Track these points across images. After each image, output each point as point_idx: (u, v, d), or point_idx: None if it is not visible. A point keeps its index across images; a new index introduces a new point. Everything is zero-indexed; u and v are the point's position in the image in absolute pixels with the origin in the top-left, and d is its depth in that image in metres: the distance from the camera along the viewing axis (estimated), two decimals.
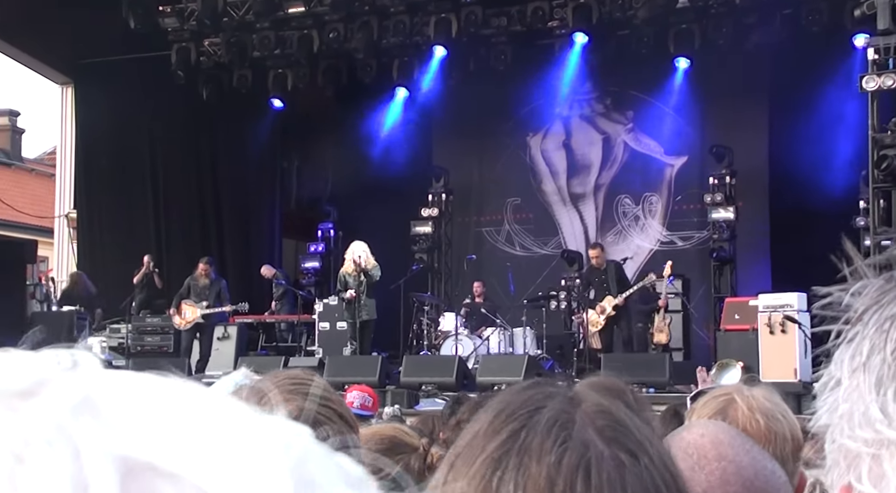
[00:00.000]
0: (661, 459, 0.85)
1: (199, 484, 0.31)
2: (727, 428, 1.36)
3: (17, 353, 0.35)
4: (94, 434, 0.31)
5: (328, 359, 12.67)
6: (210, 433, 0.33)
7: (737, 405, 1.76)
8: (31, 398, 0.32)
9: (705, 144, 15.88)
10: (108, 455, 0.31)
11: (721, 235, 14.97)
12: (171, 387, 0.35)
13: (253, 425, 0.34)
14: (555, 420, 0.84)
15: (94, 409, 0.32)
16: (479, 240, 17.62)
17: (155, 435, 0.32)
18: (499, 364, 11.99)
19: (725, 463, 1.22)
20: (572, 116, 17.41)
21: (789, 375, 10.53)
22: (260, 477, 0.32)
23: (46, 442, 0.31)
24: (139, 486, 0.31)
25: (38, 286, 15.83)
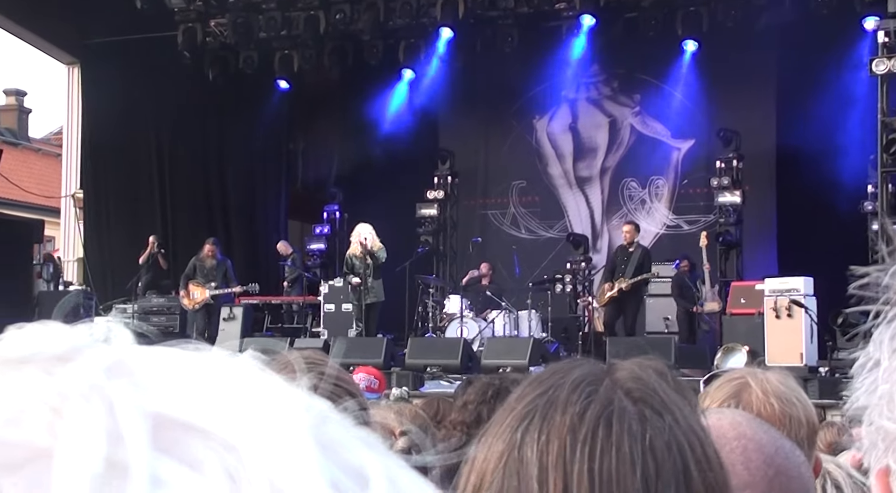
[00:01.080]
0: (688, 422, 0.86)
1: (226, 439, 0.33)
2: (744, 413, 1.35)
3: (52, 324, 0.36)
4: (127, 392, 0.33)
5: (333, 340, 12.66)
6: (237, 394, 0.35)
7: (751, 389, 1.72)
8: (66, 363, 0.34)
9: (712, 128, 15.81)
10: (140, 410, 0.33)
11: (727, 219, 14.92)
12: (200, 355, 0.37)
13: (276, 388, 0.36)
14: (582, 379, 0.87)
15: (128, 371, 0.34)
16: (485, 223, 17.60)
17: (185, 395, 0.34)
18: (504, 347, 11.98)
19: (745, 441, 1.21)
20: (579, 99, 17.34)
21: (795, 359, 10.49)
22: (283, 435, 0.34)
23: (82, 397, 0.32)
24: (170, 439, 0.32)
25: (45, 266, 15.82)
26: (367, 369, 5.60)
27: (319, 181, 18.42)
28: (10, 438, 0.31)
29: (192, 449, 0.33)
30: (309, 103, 17.53)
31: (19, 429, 0.31)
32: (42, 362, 0.34)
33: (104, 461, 0.31)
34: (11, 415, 0.32)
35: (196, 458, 0.32)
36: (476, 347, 12.66)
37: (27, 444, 0.31)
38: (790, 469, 1.20)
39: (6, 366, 0.34)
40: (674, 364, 11.08)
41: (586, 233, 16.65)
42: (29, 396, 0.32)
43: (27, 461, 0.31)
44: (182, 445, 0.33)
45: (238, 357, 0.37)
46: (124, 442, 0.31)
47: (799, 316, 10.79)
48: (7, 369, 0.34)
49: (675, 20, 14.85)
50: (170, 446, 0.32)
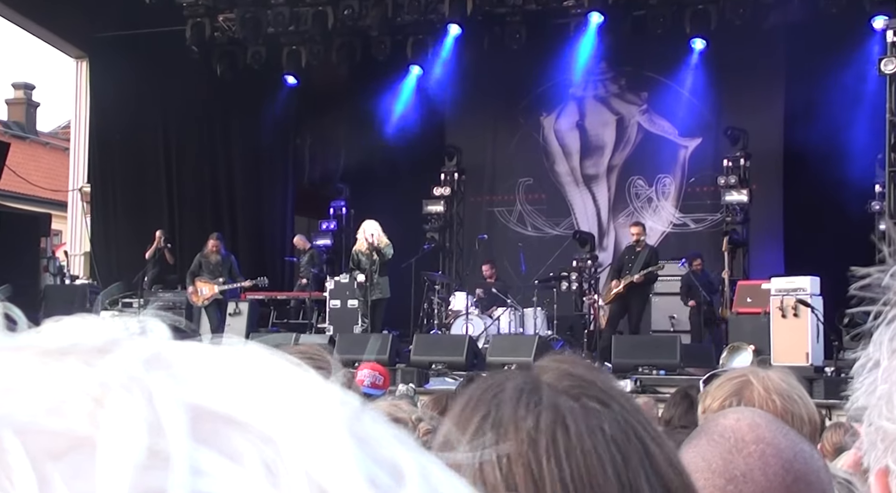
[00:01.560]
0: (631, 404, 0.87)
1: (264, 431, 0.34)
2: (763, 413, 1.33)
3: (89, 317, 0.37)
4: (165, 384, 0.34)
5: (339, 336, 12.67)
6: (273, 388, 0.35)
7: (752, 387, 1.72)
8: (105, 354, 0.35)
9: (720, 126, 15.79)
10: (179, 402, 0.33)
11: (734, 217, 14.90)
12: (236, 349, 0.38)
13: (311, 382, 0.37)
14: (521, 391, 0.86)
15: (166, 364, 0.35)
16: (491, 220, 17.59)
17: (222, 388, 0.35)
18: (509, 344, 11.97)
19: (764, 445, 1.18)
20: (586, 97, 17.31)
21: (801, 359, 10.47)
22: (320, 428, 0.34)
23: (123, 388, 0.33)
24: (208, 430, 0.33)
25: (52, 260, 15.86)
26: (372, 365, 5.57)
27: (326, 177, 18.42)
28: (53, 426, 0.32)
29: (230, 441, 0.33)
30: (316, 99, 17.52)
31: (62, 418, 0.32)
32: (82, 354, 0.34)
33: (146, 451, 0.31)
34: (54, 404, 0.32)
35: (235, 450, 0.33)
36: (481, 344, 12.65)
37: (69, 432, 0.32)
38: (809, 475, 1.18)
39: (47, 357, 0.34)
40: (679, 363, 11.08)
41: (593, 231, 16.62)
42: (70, 386, 0.33)
43: (70, 449, 0.31)
44: (221, 436, 0.33)
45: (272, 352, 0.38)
46: (164, 433, 0.32)
47: (805, 316, 10.76)
48: (48, 359, 0.34)
49: (683, 18, 14.82)
50: (209, 437, 0.33)
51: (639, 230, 13.21)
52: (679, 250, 14.89)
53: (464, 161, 17.60)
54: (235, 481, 0.32)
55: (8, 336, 0.36)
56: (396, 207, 15.17)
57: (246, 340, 0.39)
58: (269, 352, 0.38)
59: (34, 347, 0.35)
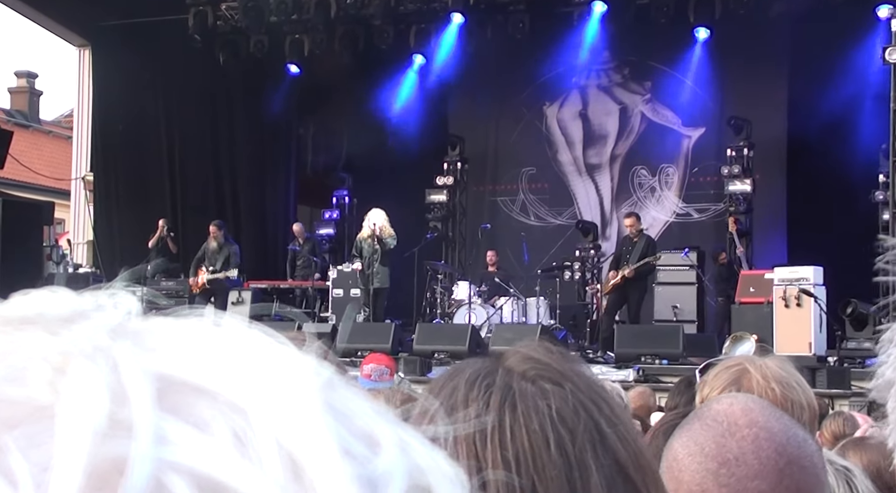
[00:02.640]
0: (588, 385, 0.87)
1: (233, 401, 0.33)
2: (756, 398, 1.33)
3: (59, 290, 0.36)
4: (131, 353, 0.33)
5: (341, 325, 12.70)
6: (243, 357, 0.35)
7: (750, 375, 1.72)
8: (70, 324, 0.34)
9: (723, 116, 15.76)
10: (145, 371, 0.32)
11: (738, 207, 14.89)
12: (206, 319, 0.37)
13: (284, 352, 0.36)
14: (476, 375, 0.87)
15: (133, 334, 0.34)
16: (494, 209, 17.59)
17: (191, 357, 0.34)
18: (512, 333, 11.96)
19: (757, 429, 1.19)
20: (589, 86, 17.28)
21: (804, 348, 10.48)
22: (292, 398, 0.34)
23: (86, 357, 0.32)
24: (176, 400, 0.32)
25: (55, 248, 15.88)
26: (378, 357, 5.46)
27: (329, 166, 18.41)
28: (11, 394, 0.31)
29: (198, 410, 0.32)
30: (319, 88, 17.50)
31: (20, 386, 0.31)
32: (45, 323, 0.34)
33: (107, 419, 0.31)
34: (13, 373, 0.32)
35: (202, 419, 0.32)
36: (484, 333, 12.66)
37: (29, 401, 0.31)
38: (802, 459, 1.18)
39: (8, 325, 0.33)
40: (682, 352, 11.08)
41: (595, 220, 16.63)
42: (31, 354, 0.32)
43: (28, 417, 0.31)
44: (188, 406, 0.32)
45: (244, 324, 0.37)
46: (129, 401, 0.31)
47: (808, 305, 10.77)
48: (9, 328, 0.33)
49: (687, 7, 14.78)
50: (175, 406, 0.32)
51: (632, 221, 13.19)
52: (682, 240, 14.89)
53: (467, 150, 17.59)
54: (202, 449, 0.31)
55: None
56: (399, 197, 15.17)
57: None
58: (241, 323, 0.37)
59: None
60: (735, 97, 15.85)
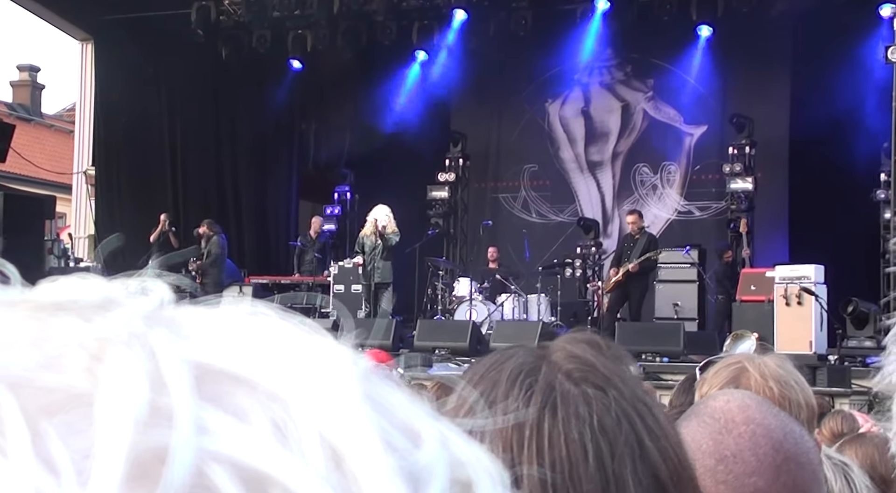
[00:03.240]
0: (633, 392, 0.84)
1: (273, 390, 0.32)
2: (753, 395, 1.34)
3: (89, 276, 0.36)
4: (167, 340, 0.32)
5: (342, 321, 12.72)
6: (282, 346, 0.34)
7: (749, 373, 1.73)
8: (104, 311, 0.33)
9: (726, 114, 15.75)
10: (183, 359, 0.32)
11: (739, 205, 14.90)
12: (241, 307, 0.36)
13: (322, 342, 0.35)
14: (519, 371, 0.84)
15: (169, 321, 0.33)
16: (496, 206, 17.58)
17: (228, 345, 0.33)
18: (513, 330, 11.99)
19: (754, 426, 1.19)
20: (591, 84, 17.27)
21: (804, 347, 10.49)
22: (332, 388, 0.33)
23: (123, 343, 0.31)
24: (214, 389, 0.31)
25: (56, 242, 15.88)
26: (375, 353, 5.45)
27: (331, 162, 18.41)
28: (49, 382, 0.30)
29: (237, 399, 0.32)
30: (321, 84, 17.50)
31: (58, 373, 0.31)
32: (79, 310, 0.33)
33: (147, 407, 0.30)
34: (49, 360, 0.31)
35: (241, 408, 0.31)
36: (485, 330, 12.68)
37: (66, 388, 0.30)
38: (799, 455, 1.19)
39: (42, 312, 0.33)
40: (683, 350, 11.09)
41: (597, 218, 16.63)
42: (67, 341, 0.32)
43: (67, 405, 0.30)
44: (226, 395, 0.32)
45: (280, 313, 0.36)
46: (167, 390, 0.31)
47: (809, 304, 10.77)
48: (43, 314, 0.32)
49: (689, 5, 14.76)
50: (214, 395, 0.31)
51: (634, 218, 13.19)
52: (683, 238, 14.89)
53: (468, 147, 17.60)
54: (243, 439, 0.31)
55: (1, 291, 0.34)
56: (401, 193, 15.17)
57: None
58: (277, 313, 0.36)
59: (29, 302, 0.34)
60: (737, 95, 15.84)
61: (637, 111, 17.04)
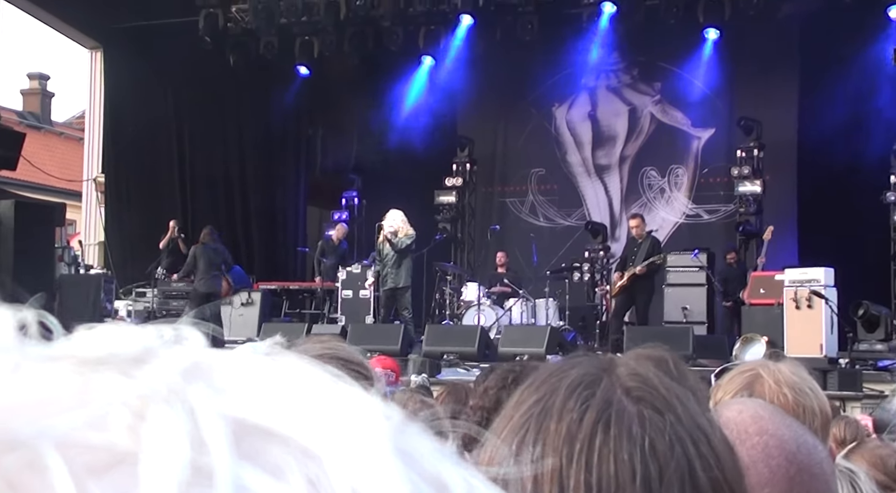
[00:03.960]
0: (691, 417, 0.82)
1: (306, 446, 0.33)
2: (766, 405, 1.33)
3: (122, 325, 0.37)
4: (206, 397, 0.33)
5: (350, 327, 12.67)
6: (314, 401, 0.35)
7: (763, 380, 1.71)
8: (142, 365, 0.34)
9: (733, 117, 15.71)
10: (220, 415, 0.33)
11: (748, 208, 14.86)
12: (274, 360, 0.37)
13: (353, 395, 0.36)
14: (579, 382, 0.84)
15: (204, 375, 0.34)
16: (503, 210, 17.57)
17: (263, 400, 0.34)
18: (521, 335, 11.95)
19: (767, 437, 1.19)
20: (598, 87, 17.25)
21: (815, 350, 10.41)
22: (364, 443, 0.34)
23: (164, 401, 0.32)
24: (250, 445, 0.32)
25: (67, 250, 15.91)
26: (383, 360, 5.41)
27: (338, 168, 18.43)
28: (94, 440, 0.31)
29: (272, 456, 0.32)
30: (328, 89, 17.51)
31: (102, 432, 0.31)
32: (118, 364, 0.33)
33: (189, 467, 0.31)
34: (93, 417, 0.32)
35: (277, 465, 0.32)
36: (493, 334, 12.63)
37: (111, 447, 0.31)
38: (813, 467, 1.18)
39: (84, 367, 0.33)
40: (692, 354, 11.03)
41: (605, 222, 16.59)
42: (109, 398, 0.32)
43: (112, 464, 0.31)
44: (262, 452, 0.32)
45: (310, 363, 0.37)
46: (207, 448, 0.31)
47: (819, 307, 10.70)
48: (85, 370, 0.33)
49: (696, 8, 14.71)
50: (251, 452, 0.32)
51: (637, 222, 13.10)
52: (692, 241, 14.83)
53: (476, 151, 17.60)
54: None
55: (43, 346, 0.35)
56: (408, 198, 15.14)
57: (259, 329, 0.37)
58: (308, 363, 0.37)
59: (70, 357, 0.34)
60: (745, 98, 15.79)
61: (644, 115, 17.01)
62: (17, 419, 0.31)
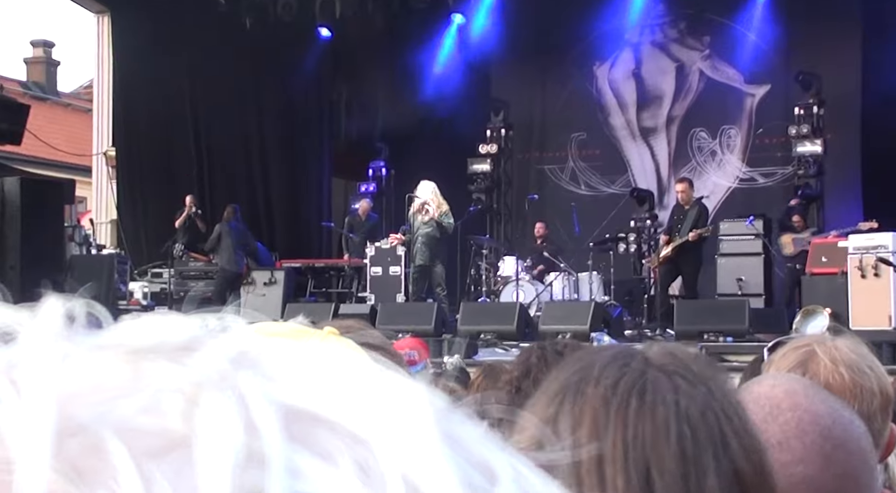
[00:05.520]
0: (723, 393, 0.92)
1: (354, 431, 0.35)
2: (800, 379, 1.35)
3: (168, 315, 0.40)
4: (255, 383, 0.36)
5: (380, 306, 12.75)
6: (361, 386, 0.37)
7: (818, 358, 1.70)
8: (191, 353, 0.36)
9: (790, 71, 15.56)
10: (270, 402, 0.35)
11: (807, 170, 14.76)
12: (320, 346, 0.40)
13: (398, 381, 0.38)
14: (614, 356, 0.95)
15: (252, 362, 0.37)
16: (542, 178, 17.56)
17: (310, 386, 0.37)
18: (563, 312, 11.97)
19: (800, 412, 1.20)
20: (643, 43, 17.14)
21: (883, 322, 10.35)
22: (411, 428, 0.36)
23: (215, 387, 0.35)
24: (300, 430, 0.35)
25: (77, 229, 16.09)
26: (407, 340, 5.46)
27: (364, 136, 18.45)
28: (150, 426, 0.33)
29: (322, 441, 0.35)
30: (352, 52, 17.51)
31: (157, 417, 0.34)
32: (167, 353, 0.36)
33: (243, 451, 0.33)
34: (148, 403, 0.34)
35: (327, 450, 0.34)
36: (533, 312, 12.66)
37: (166, 432, 0.33)
38: (849, 443, 1.20)
39: (135, 355, 0.36)
40: (748, 329, 10.99)
41: (651, 188, 16.54)
42: (162, 385, 0.35)
43: (168, 448, 0.33)
44: (312, 436, 0.35)
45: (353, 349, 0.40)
46: (259, 433, 0.34)
47: (887, 275, 10.62)
48: (136, 358, 0.36)
49: None
50: (301, 437, 0.34)
51: (684, 187, 12.98)
52: (746, 208, 14.75)
53: (511, 116, 17.57)
54: (331, 481, 0.34)
55: (91, 335, 0.37)
56: (440, 167, 15.17)
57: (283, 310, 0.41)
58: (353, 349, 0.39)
59: (120, 345, 0.37)
60: (803, 50, 15.61)
61: (693, 71, 16.89)
62: (74, 405, 0.33)
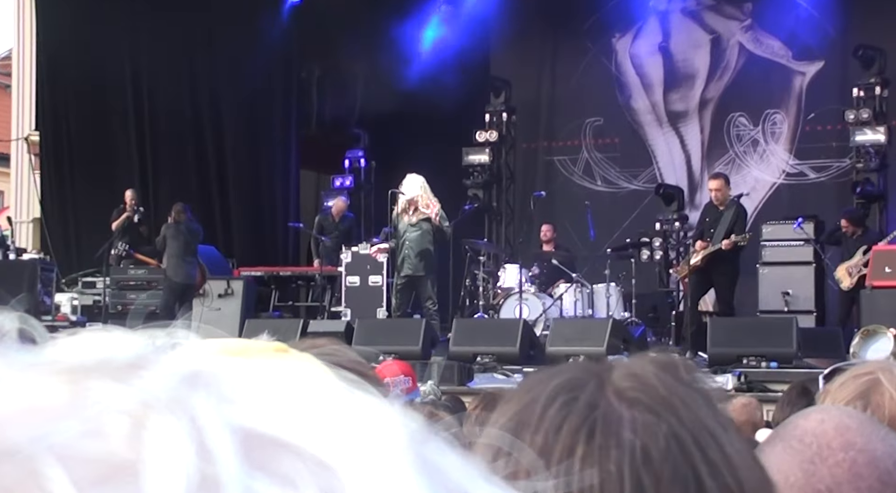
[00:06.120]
0: (698, 420, 0.86)
1: (319, 457, 0.37)
2: (855, 412, 1.34)
3: (111, 330, 0.42)
4: (209, 404, 0.37)
5: (357, 323, 12.71)
6: (327, 409, 0.39)
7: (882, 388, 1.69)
8: (139, 371, 0.38)
9: (848, 46, 15.63)
10: (226, 424, 0.37)
11: (868, 163, 14.83)
12: (283, 365, 0.42)
13: (369, 403, 0.40)
14: (562, 386, 0.88)
15: (207, 382, 0.38)
16: (550, 172, 17.64)
17: (271, 408, 0.38)
18: (575, 330, 11.97)
19: (854, 453, 1.20)
20: (672, 12, 17.23)
21: None
22: (381, 454, 0.38)
23: (165, 409, 0.36)
24: (259, 455, 0.36)
25: None
26: (391, 364, 5.43)
27: (339, 121, 18.48)
28: (91, 450, 0.35)
29: (283, 467, 0.36)
30: (325, 21, 17.50)
31: (100, 441, 0.35)
32: (112, 371, 0.37)
33: (196, 477, 0.35)
34: (89, 426, 0.35)
35: (289, 476, 0.36)
36: (539, 331, 12.68)
37: (109, 457, 0.35)
38: None
39: (75, 374, 0.37)
40: (796, 352, 10.98)
41: (681, 184, 16.60)
42: (105, 406, 0.36)
43: (111, 475, 0.34)
44: (273, 462, 0.36)
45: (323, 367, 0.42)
46: (214, 458, 0.35)
47: None
48: (76, 376, 0.37)
49: None
50: (261, 463, 0.36)
51: (718, 184, 12.89)
52: (793, 208, 14.81)
53: (514, 98, 17.62)
54: None
55: (26, 353, 0.39)
56: (429, 158, 15.18)
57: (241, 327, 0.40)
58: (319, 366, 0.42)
59: (58, 363, 0.38)
60: (862, 21, 15.71)
61: (731, 45, 16.97)
62: (7, 428, 0.35)
